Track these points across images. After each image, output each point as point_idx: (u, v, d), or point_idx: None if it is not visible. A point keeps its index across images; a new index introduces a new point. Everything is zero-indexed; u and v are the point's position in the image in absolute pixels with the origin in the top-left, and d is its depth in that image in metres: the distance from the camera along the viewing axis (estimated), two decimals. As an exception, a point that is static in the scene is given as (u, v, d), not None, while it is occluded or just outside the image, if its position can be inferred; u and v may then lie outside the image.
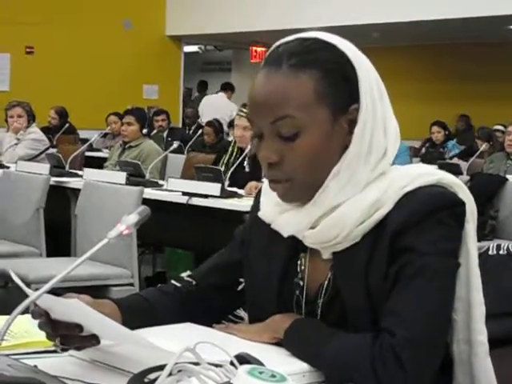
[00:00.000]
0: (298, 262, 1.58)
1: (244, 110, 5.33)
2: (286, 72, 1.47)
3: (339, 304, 1.51)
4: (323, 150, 1.48)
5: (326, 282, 1.54)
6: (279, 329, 1.52)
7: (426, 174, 1.50)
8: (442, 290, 1.44)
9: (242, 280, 1.69)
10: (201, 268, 1.76)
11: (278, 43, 1.53)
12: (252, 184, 4.98)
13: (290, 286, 1.59)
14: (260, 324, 1.58)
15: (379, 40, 13.15)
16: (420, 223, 1.44)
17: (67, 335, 1.44)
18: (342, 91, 1.48)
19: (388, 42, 13.80)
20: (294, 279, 1.58)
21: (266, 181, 1.65)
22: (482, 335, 1.51)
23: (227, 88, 13.77)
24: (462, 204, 1.49)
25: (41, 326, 1.45)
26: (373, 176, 1.50)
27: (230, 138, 5.94)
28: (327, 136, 1.48)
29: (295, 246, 1.57)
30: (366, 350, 1.39)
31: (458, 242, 1.49)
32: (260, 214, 1.63)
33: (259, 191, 1.68)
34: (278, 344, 1.52)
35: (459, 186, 1.52)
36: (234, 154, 5.52)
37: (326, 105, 1.47)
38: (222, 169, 5.33)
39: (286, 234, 1.56)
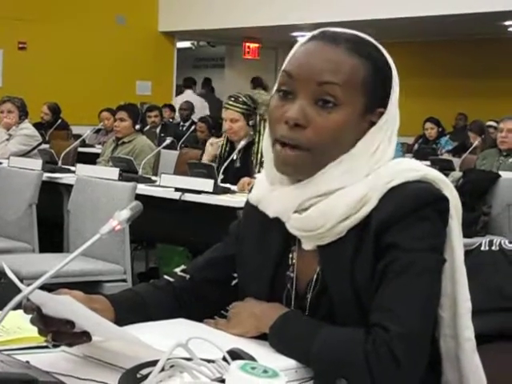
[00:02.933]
0: (290, 256, 1.59)
1: (230, 103, 5.31)
2: (344, 50, 1.52)
3: (327, 299, 1.51)
4: (346, 132, 1.51)
5: (315, 277, 1.54)
6: (262, 325, 1.52)
7: (411, 169, 1.51)
8: (429, 285, 1.45)
9: (236, 275, 1.69)
10: (195, 262, 1.76)
11: (326, 28, 1.57)
12: (245, 180, 4.97)
13: (281, 279, 1.59)
14: (241, 318, 1.57)
15: (373, 36, 13.10)
16: (404, 219, 1.45)
17: (59, 331, 1.44)
18: (379, 92, 1.53)
19: (382, 39, 13.74)
20: (286, 272, 1.59)
21: (258, 175, 1.65)
22: (468, 331, 1.52)
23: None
24: (446, 200, 1.50)
25: (33, 322, 1.45)
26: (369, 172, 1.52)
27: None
28: (353, 122, 1.51)
29: (287, 238, 1.58)
30: (358, 345, 1.39)
31: (443, 237, 1.49)
32: (248, 197, 1.64)
33: (252, 187, 1.69)
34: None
35: (444, 181, 1.53)
36: (224, 148, 5.50)
37: (364, 96, 1.52)
38: (215, 164, 5.31)
39: (271, 214, 1.56)
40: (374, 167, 1.52)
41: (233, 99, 5.31)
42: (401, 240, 1.44)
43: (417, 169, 1.52)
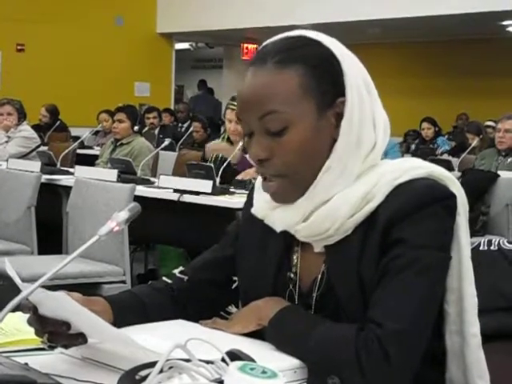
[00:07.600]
0: (294, 257, 1.58)
1: (234, 103, 5.31)
2: (271, 69, 1.48)
3: (333, 298, 1.51)
4: (312, 144, 1.49)
5: (320, 276, 1.54)
6: (264, 316, 1.51)
7: (417, 167, 1.51)
8: (431, 283, 1.44)
9: (235, 278, 1.69)
10: (193, 263, 1.76)
11: (264, 43, 1.55)
12: (249, 171, 4.97)
13: (283, 280, 1.59)
14: (243, 313, 1.58)
15: (375, 36, 13.16)
16: (411, 215, 1.45)
17: (55, 332, 1.44)
18: (328, 85, 1.49)
19: (384, 39, 13.81)
20: (287, 273, 1.58)
21: (259, 177, 1.65)
22: (474, 327, 1.51)
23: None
24: (454, 197, 1.49)
25: (29, 322, 1.45)
26: (364, 168, 1.51)
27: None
28: (315, 130, 1.49)
29: (289, 239, 1.57)
30: (350, 341, 1.38)
31: (450, 234, 1.49)
32: (252, 211, 1.63)
33: (252, 187, 1.69)
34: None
35: (450, 179, 1.52)
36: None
37: (311, 99, 1.48)
38: (212, 165, 5.31)
39: (278, 229, 1.56)
40: (368, 155, 1.51)
41: None
42: (407, 236, 1.44)
43: (422, 166, 1.51)
